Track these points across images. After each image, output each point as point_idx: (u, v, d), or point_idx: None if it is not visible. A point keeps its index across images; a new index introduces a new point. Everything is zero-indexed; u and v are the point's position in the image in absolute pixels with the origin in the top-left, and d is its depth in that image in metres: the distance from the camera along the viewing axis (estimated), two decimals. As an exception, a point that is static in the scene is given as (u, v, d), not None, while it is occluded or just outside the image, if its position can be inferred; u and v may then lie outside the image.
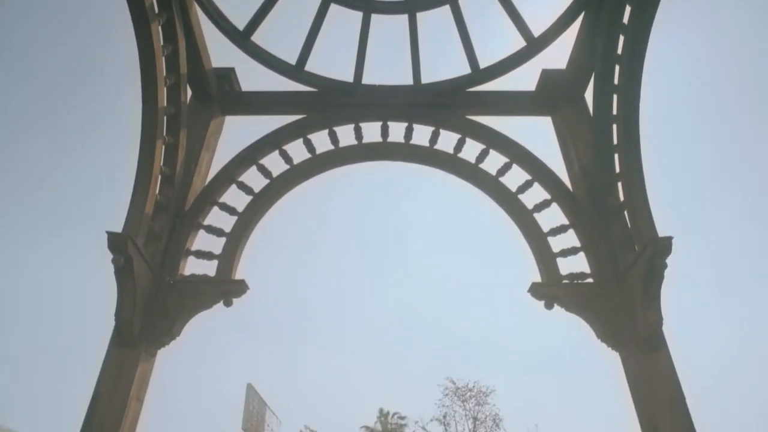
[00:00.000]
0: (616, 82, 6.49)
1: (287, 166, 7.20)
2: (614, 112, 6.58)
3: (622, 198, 6.47)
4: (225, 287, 6.35)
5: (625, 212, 6.40)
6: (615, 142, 6.59)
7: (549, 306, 6.25)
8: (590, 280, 6.46)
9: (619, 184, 6.52)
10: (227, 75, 7.70)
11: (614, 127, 6.60)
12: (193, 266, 6.66)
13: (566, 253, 6.61)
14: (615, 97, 6.54)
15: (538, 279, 6.53)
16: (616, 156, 6.58)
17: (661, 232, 5.81)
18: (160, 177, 6.52)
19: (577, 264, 6.62)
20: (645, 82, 6.21)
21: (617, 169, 6.56)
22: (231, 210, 6.91)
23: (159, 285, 6.31)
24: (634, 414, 5.89)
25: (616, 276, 6.30)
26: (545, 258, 6.55)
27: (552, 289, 6.31)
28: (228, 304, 6.28)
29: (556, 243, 6.70)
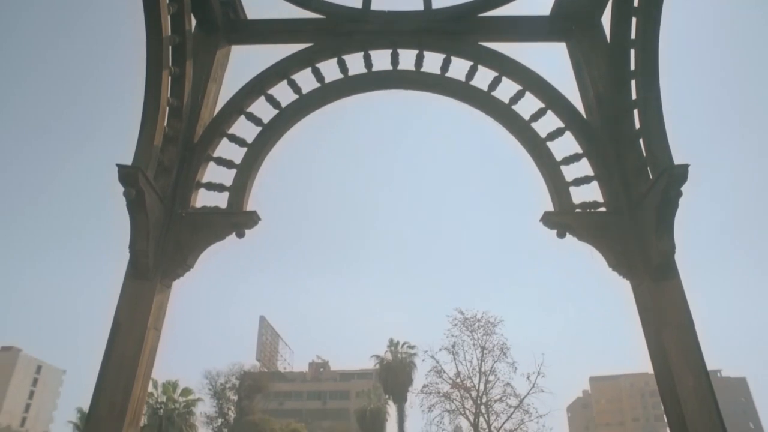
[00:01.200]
0: (635, 4, 6.24)
1: (296, 96, 7.08)
2: (632, 36, 6.36)
3: (637, 126, 6.35)
4: (236, 219, 6.37)
5: (641, 140, 6.29)
6: (632, 67, 6.40)
7: (561, 235, 6.24)
8: (603, 209, 6.43)
9: (635, 112, 6.38)
10: (232, 2, 7.48)
11: (632, 52, 6.40)
12: (204, 198, 6.68)
13: (579, 182, 6.55)
14: (633, 20, 6.31)
15: (550, 208, 6.49)
16: (633, 82, 6.41)
17: (677, 160, 5.73)
18: (167, 109, 6.43)
19: (589, 193, 6.58)
20: (665, 5, 5.98)
21: (633, 96, 6.41)
22: (240, 141, 6.85)
23: (171, 217, 6.34)
24: (642, 343, 5.99)
25: (629, 205, 6.26)
26: (558, 187, 6.50)
27: (564, 218, 6.29)
28: (240, 235, 6.31)
29: (569, 172, 6.63)
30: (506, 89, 7.03)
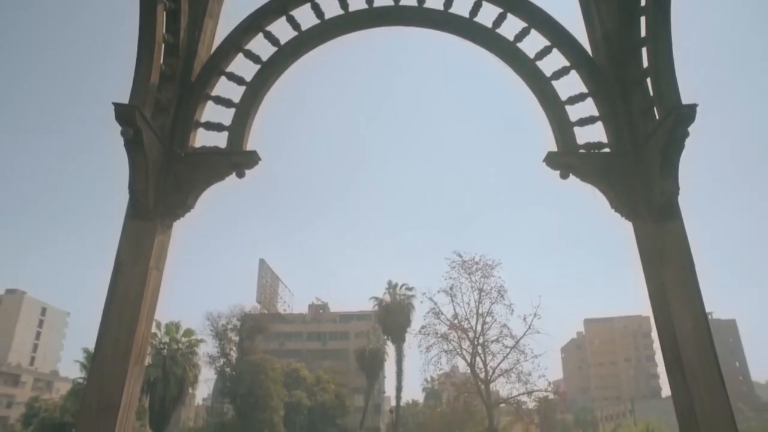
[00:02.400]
0: (647, -65, 5.99)
1: (295, 33, 6.87)
2: (644, -31, 6.13)
3: (645, 65, 6.20)
4: (236, 158, 6.29)
5: (648, 80, 6.15)
6: (642, 3, 6.19)
7: (564, 176, 6.18)
8: (607, 149, 6.36)
9: (644, 51, 6.22)
10: (226, -68, 7.16)
11: (643, -14, 6.18)
12: (203, 138, 6.59)
13: (584, 122, 6.46)
14: (645, -47, 6.06)
15: (554, 148, 6.41)
16: (643, 19, 6.22)
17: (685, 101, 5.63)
18: (163, 45, 6.26)
19: (594, 134, 6.49)
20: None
21: (642, 34, 6.22)
22: (239, 80, 6.69)
23: (170, 157, 6.26)
24: (637, 286, 6.02)
25: (634, 145, 6.18)
26: (562, 127, 6.40)
27: (568, 158, 6.23)
28: (240, 175, 6.25)
29: (574, 112, 6.52)
30: (511, 26, 6.83)
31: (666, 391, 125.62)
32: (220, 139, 6.47)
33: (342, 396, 55.78)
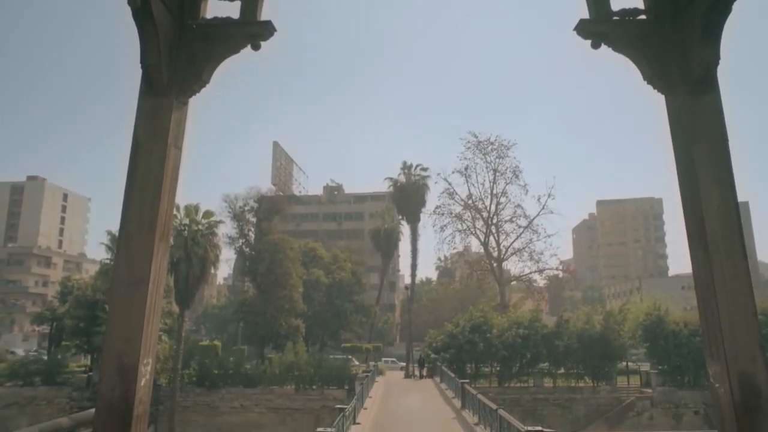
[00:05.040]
0: None
1: None
2: None
3: None
4: (250, 29, 6.00)
5: (693, -64, 5.63)
6: None
7: (596, 45, 5.85)
8: (643, 16, 5.96)
9: None
10: None
11: None
12: (215, 9, 6.25)
13: (620, -14, 6.01)
14: None
15: (585, 15, 6.02)
16: None
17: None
18: None
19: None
20: None
21: None
22: (250, -56, 6.22)
23: (182, 29, 5.99)
24: (653, 168, 5.86)
25: (673, 11, 5.77)
26: (596, -8, 5.97)
27: (601, 26, 5.86)
28: (255, 47, 5.99)
29: (609, -25, 6.05)
30: None
31: (673, 270, 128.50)
32: (232, 9, 6.14)
33: (358, 274, 57.65)
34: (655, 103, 6.19)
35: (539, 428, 8.20)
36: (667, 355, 34.40)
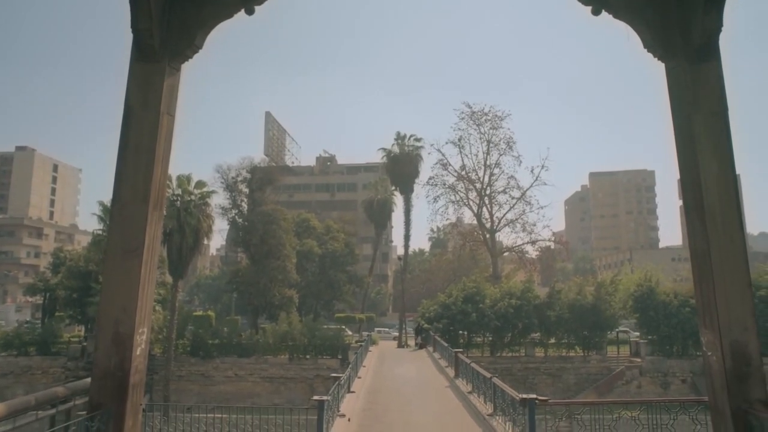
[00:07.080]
0: None
1: None
2: None
3: None
4: (244, -7, 5.84)
5: None
6: None
7: (596, 11, 5.74)
8: (645, -18, 5.84)
9: None
10: None
11: None
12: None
13: (622, -49, 5.87)
14: None
15: (587, -17, 5.90)
16: None
17: None
18: None
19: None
20: None
21: None
22: None
23: (173, -8, 5.82)
24: (645, 139, 5.82)
25: (675, -23, 5.67)
26: (599, -43, 5.84)
27: (603, -7, 5.75)
28: (249, 11, 5.84)
29: (612, -61, 5.90)
30: None
31: (663, 242, 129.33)
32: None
33: (351, 245, 57.73)
34: (653, 74, 6.12)
35: (533, 396, 8.29)
36: (656, 325, 34.89)
